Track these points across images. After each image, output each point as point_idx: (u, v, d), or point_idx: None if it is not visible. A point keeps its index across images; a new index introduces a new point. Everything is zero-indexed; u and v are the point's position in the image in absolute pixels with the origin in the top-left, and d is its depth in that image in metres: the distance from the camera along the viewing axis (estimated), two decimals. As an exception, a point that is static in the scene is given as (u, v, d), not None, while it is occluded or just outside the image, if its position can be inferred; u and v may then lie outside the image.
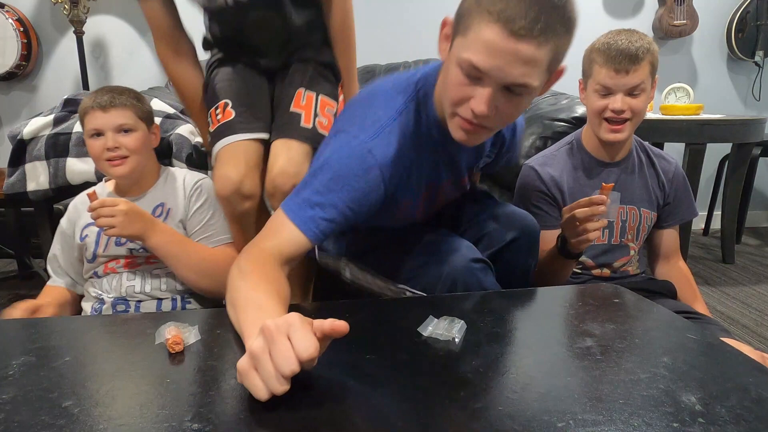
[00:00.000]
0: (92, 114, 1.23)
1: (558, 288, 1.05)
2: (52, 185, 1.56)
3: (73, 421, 0.58)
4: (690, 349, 0.74)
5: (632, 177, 1.36)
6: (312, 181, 0.91)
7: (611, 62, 1.20)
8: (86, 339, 0.83)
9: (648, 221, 1.37)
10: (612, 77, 1.21)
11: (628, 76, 1.20)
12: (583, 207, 1.08)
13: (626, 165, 1.36)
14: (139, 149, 1.26)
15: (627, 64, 1.19)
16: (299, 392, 0.63)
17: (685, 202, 1.40)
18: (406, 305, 0.95)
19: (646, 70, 1.20)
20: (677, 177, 1.39)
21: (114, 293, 1.26)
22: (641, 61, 1.19)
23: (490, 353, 0.73)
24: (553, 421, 0.56)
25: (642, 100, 1.23)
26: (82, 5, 2.40)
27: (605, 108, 1.23)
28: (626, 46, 1.18)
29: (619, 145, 1.32)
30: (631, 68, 1.19)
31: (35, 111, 2.51)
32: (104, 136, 1.23)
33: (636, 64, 1.19)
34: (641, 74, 1.20)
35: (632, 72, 1.19)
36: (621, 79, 1.20)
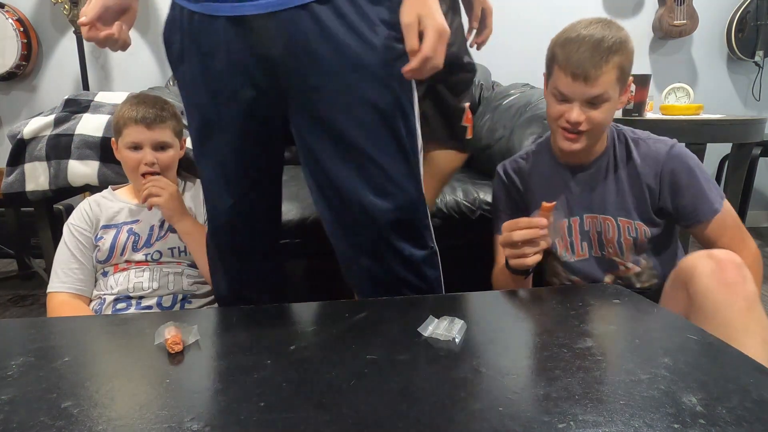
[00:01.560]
0: (135, 128, 1.26)
1: (558, 288, 1.05)
2: (52, 186, 1.56)
3: (73, 421, 0.57)
4: (691, 350, 0.73)
5: (603, 182, 1.17)
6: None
7: (570, 67, 1.03)
8: (86, 339, 0.83)
9: (631, 232, 1.16)
10: (569, 85, 1.05)
11: (587, 86, 1.03)
12: (522, 228, 1.00)
13: (596, 169, 1.17)
14: (172, 166, 1.34)
15: (587, 70, 1.02)
16: (299, 392, 0.63)
17: (697, 196, 1.13)
18: (406, 305, 0.95)
19: (611, 77, 1.03)
20: (672, 171, 1.13)
21: (120, 287, 1.26)
22: (604, 67, 1.02)
23: (490, 353, 0.73)
24: (553, 422, 0.56)
25: (604, 110, 1.06)
26: (83, 5, 2.40)
27: (561, 116, 1.09)
28: (588, 52, 1.02)
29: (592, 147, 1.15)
30: (592, 76, 1.02)
31: (35, 111, 2.51)
32: (142, 150, 1.27)
33: (598, 71, 1.02)
34: (604, 83, 1.03)
35: (593, 80, 1.02)
36: (579, 88, 1.04)
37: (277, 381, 0.66)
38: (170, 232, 1.32)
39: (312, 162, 0.97)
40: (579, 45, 1.03)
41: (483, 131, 2.05)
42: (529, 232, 1.00)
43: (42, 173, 1.56)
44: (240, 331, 0.86)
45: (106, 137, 1.51)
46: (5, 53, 2.51)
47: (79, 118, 1.58)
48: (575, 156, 1.16)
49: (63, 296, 1.27)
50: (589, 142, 1.12)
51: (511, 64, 2.69)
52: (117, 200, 1.35)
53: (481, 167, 2.00)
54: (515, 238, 1.01)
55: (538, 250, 1.02)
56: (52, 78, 2.70)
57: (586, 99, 1.05)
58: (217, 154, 1.01)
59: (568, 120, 1.07)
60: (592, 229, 1.19)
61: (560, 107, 1.09)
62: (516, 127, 1.79)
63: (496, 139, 1.89)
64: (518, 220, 1.03)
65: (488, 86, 2.33)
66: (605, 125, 1.11)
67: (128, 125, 1.27)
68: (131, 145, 1.28)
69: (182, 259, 1.32)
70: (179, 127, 1.36)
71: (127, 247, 1.28)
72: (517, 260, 1.04)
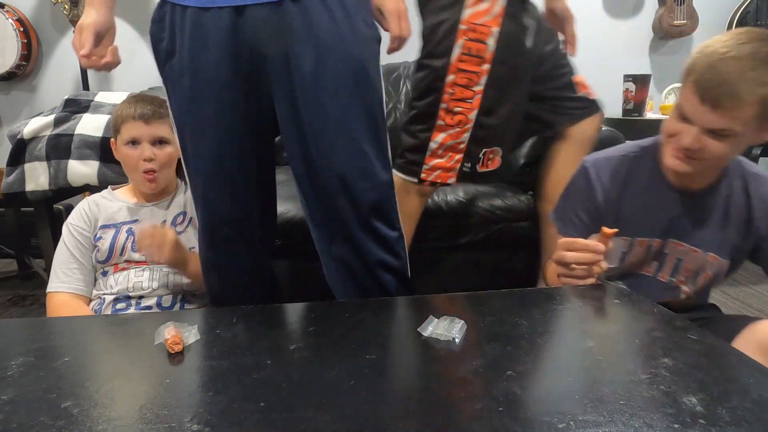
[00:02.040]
0: (132, 124, 1.27)
1: (558, 288, 1.05)
2: (52, 186, 1.56)
3: (73, 422, 0.57)
4: (691, 350, 0.73)
5: (707, 213, 1.05)
6: None
7: (700, 87, 0.88)
8: (86, 339, 0.83)
9: (714, 268, 1.07)
10: (694, 106, 0.90)
11: (714, 114, 0.88)
12: (578, 251, 0.95)
13: (707, 199, 1.05)
14: (170, 163, 1.33)
15: (716, 99, 0.87)
16: (299, 392, 0.63)
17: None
18: (406, 305, 0.95)
19: (747, 113, 0.86)
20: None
21: (119, 287, 1.26)
22: (739, 102, 0.86)
23: (490, 353, 0.73)
24: (553, 422, 0.56)
25: (728, 144, 0.90)
26: (82, 5, 2.39)
27: (675, 134, 0.96)
28: (729, 73, 0.86)
29: (706, 174, 1.02)
30: (721, 104, 0.87)
31: (35, 111, 2.51)
32: (140, 145, 1.27)
33: (730, 102, 0.86)
34: (735, 117, 0.87)
35: (721, 110, 0.87)
36: (704, 114, 0.89)
37: (277, 381, 0.66)
38: None
39: (298, 149, 1.01)
40: (720, 67, 0.87)
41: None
42: (584, 256, 0.95)
43: (42, 173, 1.56)
44: (240, 331, 0.86)
45: (106, 137, 1.51)
46: (5, 53, 2.51)
47: (79, 118, 1.58)
48: (683, 179, 1.04)
49: (62, 296, 1.27)
50: (698, 170, 0.99)
51: (511, 64, 2.68)
52: (116, 200, 1.35)
53: (481, 167, 2.00)
54: (567, 259, 0.96)
55: (590, 276, 0.96)
56: (52, 78, 2.70)
57: (710, 129, 0.91)
58: (209, 146, 1.03)
59: (682, 144, 0.94)
60: (672, 255, 1.10)
61: (678, 125, 0.95)
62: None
63: (496, 139, 1.89)
64: (575, 240, 0.96)
65: (488, 86, 2.32)
66: (725, 160, 0.98)
67: (126, 122, 1.28)
68: (129, 141, 1.28)
69: None
70: None
71: (127, 247, 1.28)
72: (567, 280, 1.00)
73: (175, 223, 1.33)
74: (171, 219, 1.33)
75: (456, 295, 0.99)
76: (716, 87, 0.87)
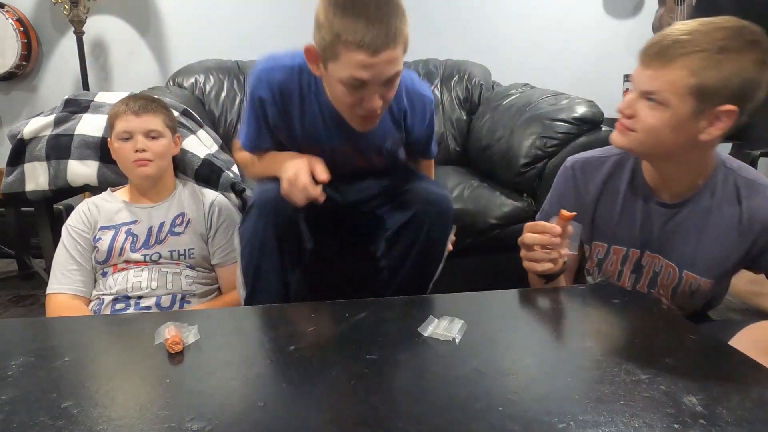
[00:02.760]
0: (124, 117, 1.29)
1: (558, 288, 1.05)
2: (51, 186, 1.56)
3: (73, 421, 0.57)
4: (691, 350, 0.73)
5: (684, 228, 1.00)
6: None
7: (643, 48, 0.90)
8: (86, 339, 0.83)
9: (692, 287, 1.02)
10: (637, 69, 0.91)
11: (646, 74, 0.88)
12: (536, 232, 0.96)
13: (688, 212, 0.99)
14: (164, 155, 1.34)
15: (649, 57, 0.88)
16: (299, 392, 0.63)
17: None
18: (406, 305, 0.95)
19: (676, 77, 0.85)
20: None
21: (119, 287, 1.26)
22: (670, 62, 0.85)
23: (490, 353, 0.73)
24: (553, 422, 0.56)
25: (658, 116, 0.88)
26: (82, 5, 2.39)
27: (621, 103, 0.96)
28: (668, 34, 0.86)
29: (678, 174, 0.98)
30: (652, 65, 0.87)
31: (35, 111, 2.50)
32: (133, 139, 1.28)
33: (660, 61, 0.86)
34: (663, 81, 0.86)
35: (651, 70, 0.87)
36: (641, 74, 0.90)
37: (277, 381, 0.66)
38: (170, 235, 1.32)
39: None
40: (665, 30, 0.89)
41: (483, 131, 2.05)
42: (541, 237, 0.95)
43: (42, 173, 1.56)
44: (240, 331, 0.86)
45: (106, 138, 1.51)
46: (5, 53, 2.51)
47: (79, 118, 1.57)
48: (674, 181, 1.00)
49: (62, 297, 1.27)
50: (636, 149, 0.95)
51: (511, 64, 2.68)
52: (116, 201, 1.36)
53: (481, 168, 2.00)
54: (527, 240, 0.97)
55: (551, 258, 0.96)
56: (52, 78, 2.70)
57: (642, 91, 0.90)
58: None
59: (619, 106, 0.94)
60: (649, 267, 1.06)
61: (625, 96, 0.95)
62: (516, 127, 1.79)
63: (496, 139, 1.89)
64: (536, 222, 0.98)
65: (488, 86, 2.32)
66: (662, 140, 0.90)
67: (119, 116, 1.29)
68: (123, 136, 1.29)
69: (181, 261, 1.32)
70: (171, 122, 1.37)
71: (125, 248, 1.28)
72: (527, 263, 1.00)
73: (174, 224, 1.33)
74: (170, 220, 1.33)
75: (456, 295, 0.99)
76: (652, 45, 0.88)
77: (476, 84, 2.31)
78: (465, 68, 2.38)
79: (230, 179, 1.54)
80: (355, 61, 0.93)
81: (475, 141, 2.13)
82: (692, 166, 0.97)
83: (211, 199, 1.40)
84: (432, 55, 2.50)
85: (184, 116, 1.63)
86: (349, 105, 1.02)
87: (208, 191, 1.44)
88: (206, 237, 1.37)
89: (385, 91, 1.00)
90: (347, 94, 0.99)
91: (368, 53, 0.92)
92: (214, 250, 1.36)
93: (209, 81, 2.22)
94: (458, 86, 2.32)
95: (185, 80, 2.20)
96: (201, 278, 1.34)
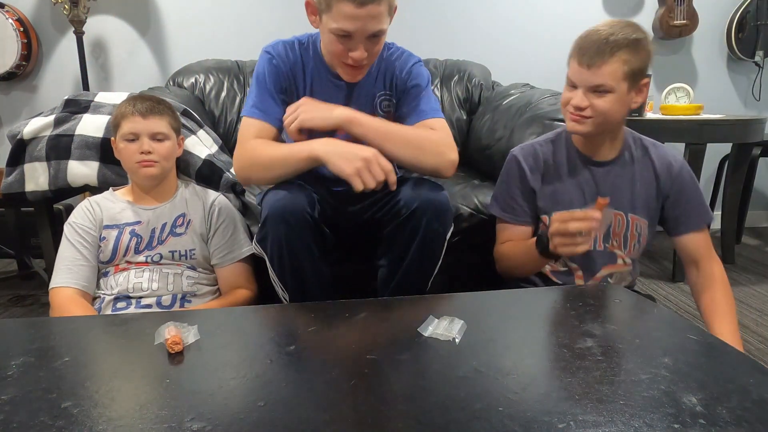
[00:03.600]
0: (131, 119, 1.29)
1: (558, 288, 1.05)
2: (51, 187, 1.55)
3: (73, 421, 0.58)
4: (691, 350, 0.73)
5: (620, 179, 1.24)
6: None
7: (578, 55, 1.10)
8: (86, 339, 0.83)
9: (638, 229, 1.24)
10: (575, 71, 1.11)
11: (590, 72, 1.08)
12: (577, 220, 1.05)
13: (614, 166, 1.24)
14: (169, 157, 1.34)
15: (590, 59, 1.08)
16: (299, 392, 0.63)
17: (695, 206, 1.25)
18: (406, 305, 0.95)
19: (614, 69, 1.07)
20: (682, 178, 1.24)
21: (120, 287, 1.26)
22: (608, 59, 1.07)
23: (490, 353, 0.73)
24: (553, 422, 0.56)
25: (609, 101, 1.10)
26: (82, 5, 2.39)
27: (568, 102, 1.15)
28: (597, 39, 1.08)
29: (603, 139, 1.21)
30: (594, 64, 1.07)
31: (35, 111, 2.50)
32: (139, 140, 1.29)
33: (601, 59, 1.07)
34: (607, 74, 1.08)
35: (595, 68, 1.08)
36: (583, 74, 1.09)
37: (277, 381, 0.66)
38: (171, 235, 1.32)
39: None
40: (591, 36, 1.10)
41: (483, 131, 2.05)
42: (586, 224, 1.04)
43: (42, 173, 1.56)
44: (240, 331, 0.86)
45: (107, 138, 1.51)
46: (5, 53, 2.51)
47: (79, 118, 1.57)
48: (600, 145, 1.23)
49: (67, 291, 1.25)
50: (593, 130, 1.16)
51: (511, 64, 2.68)
52: (118, 201, 1.35)
53: (481, 168, 2.00)
54: (572, 229, 1.05)
55: (588, 242, 1.07)
56: (52, 78, 2.70)
57: (590, 86, 1.10)
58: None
59: (574, 105, 1.13)
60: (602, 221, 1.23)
61: (568, 94, 1.15)
62: (516, 127, 1.79)
63: (496, 139, 1.89)
64: (573, 212, 1.08)
65: (488, 86, 2.33)
66: (611, 117, 1.13)
67: (125, 117, 1.29)
68: (128, 137, 1.29)
69: (182, 262, 1.32)
70: (176, 123, 1.37)
71: (130, 249, 1.29)
72: (568, 248, 1.07)
73: (175, 225, 1.33)
74: (172, 221, 1.34)
75: (456, 295, 0.99)
76: (588, 50, 1.09)
77: (476, 84, 2.31)
78: (465, 68, 2.38)
79: (231, 180, 1.54)
80: (343, 11, 1.07)
81: (475, 141, 2.13)
82: (615, 133, 1.22)
83: (212, 199, 1.41)
84: (432, 55, 2.51)
85: (185, 116, 1.63)
86: (337, 54, 1.15)
87: (209, 191, 1.44)
88: (206, 237, 1.37)
89: (370, 45, 1.13)
90: (336, 42, 1.12)
91: (355, 5, 1.05)
92: (213, 250, 1.36)
93: (209, 81, 2.22)
94: (458, 86, 2.32)
95: (185, 80, 2.20)
96: (202, 279, 1.35)
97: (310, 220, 1.13)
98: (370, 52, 1.14)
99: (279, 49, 1.25)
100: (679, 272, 2.37)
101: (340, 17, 1.07)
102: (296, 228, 1.12)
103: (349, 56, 1.13)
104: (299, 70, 1.26)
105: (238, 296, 1.35)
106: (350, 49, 1.12)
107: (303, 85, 1.26)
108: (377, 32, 1.11)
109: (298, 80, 1.26)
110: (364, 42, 1.11)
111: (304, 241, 1.14)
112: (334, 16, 1.08)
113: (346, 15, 1.06)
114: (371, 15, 1.07)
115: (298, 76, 1.26)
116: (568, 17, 2.86)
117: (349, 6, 1.05)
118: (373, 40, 1.12)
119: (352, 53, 1.12)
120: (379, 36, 1.13)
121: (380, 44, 1.17)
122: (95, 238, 1.30)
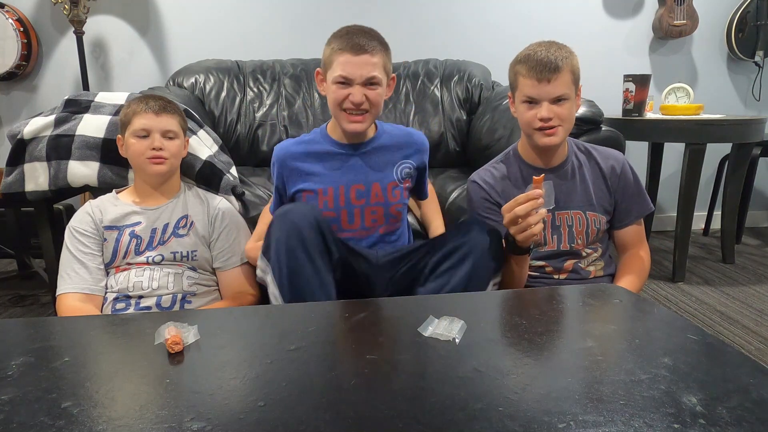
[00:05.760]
0: (144, 115, 1.30)
1: (558, 288, 1.05)
2: (51, 187, 1.55)
3: (73, 421, 0.58)
4: (691, 349, 0.73)
5: (572, 182, 1.35)
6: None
7: (533, 72, 1.22)
8: (86, 339, 0.83)
9: (597, 224, 1.35)
10: (535, 87, 1.23)
11: (550, 85, 1.22)
12: (521, 203, 1.11)
13: (563, 170, 1.35)
14: (178, 155, 1.36)
15: (548, 74, 1.21)
16: (299, 392, 0.63)
17: (637, 200, 1.37)
18: (406, 305, 0.95)
19: (567, 78, 1.23)
20: (624, 175, 1.36)
21: (120, 287, 1.26)
22: (561, 71, 1.22)
23: (490, 353, 0.73)
24: (553, 422, 0.56)
25: (567, 107, 1.25)
26: (82, 5, 2.39)
27: (534, 117, 1.25)
28: (545, 56, 1.21)
29: (554, 150, 1.33)
30: (552, 77, 1.21)
31: (35, 111, 2.50)
32: (150, 137, 1.29)
33: (556, 73, 1.21)
34: (563, 83, 1.22)
35: (554, 81, 1.22)
36: (544, 88, 1.23)
37: (277, 381, 0.66)
38: (174, 236, 1.32)
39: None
40: (537, 56, 1.23)
41: (483, 131, 2.05)
42: (529, 204, 1.10)
43: (42, 173, 1.56)
44: (240, 331, 0.86)
45: (107, 138, 1.51)
46: (5, 53, 2.51)
47: (79, 118, 1.57)
48: (550, 155, 1.34)
49: (71, 297, 1.26)
50: (563, 137, 1.29)
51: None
52: (120, 203, 1.36)
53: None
54: (519, 212, 1.11)
55: (540, 219, 1.12)
56: (52, 78, 2.70)
57: (552, 98, 1.23)
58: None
59: (541, 118, 1.24)
60: (563, 224, 1.35)
61: (532, 111, 1.26)
62: (516, 127, 1.79)
63: (496, 139, 1.89)
64: (516, 197, 1.13)
65: (488, 86, 2.32)
66: (571, 121, 1.28)
67: (137, 114, 1.30)
68: (140, 133, 1.29)
69: (184, 262, 1.32)
70: (184, 124, 1.39)
71: (131, 250, 1.29)
72: (524, 233, 1.13)
73: (177, 226, 1.33)
74: (174, 221, 1.34)
75: (456, 295, 0.99)
76: (544, 67, 1.21)
77: (476, 84, 2.31)
78: (465, 68, 2.38)
79: (231, 182, 1.54)
80: (341, 61, 1.22)
81: (475, 141, 2.13)
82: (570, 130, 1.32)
83: (216, 203, 1.41)
84: (432, 55, 2.51)
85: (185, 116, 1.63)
86: (339, 102, 1.25)
87: (213, 196, 1.45)
88: (209, 240, 1.37)
89: (368, 91, 1.24)
90: (338, 90, 1.24)
91: (351, 53, 1.21)
92: (216, 254, 1.37)
93: (209, 81, 2.22)
94: (458, 86, 2.32)
95: (185, 80, 2.20)
96: (202, 279, 1.35)
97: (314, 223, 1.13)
98: (368, 97, 1.24)
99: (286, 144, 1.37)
100: (679, 272, 2.37)
101: (339, 67, 1.22)
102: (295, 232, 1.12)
103: (348, 100, 1.24)
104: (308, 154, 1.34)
105: (242, 301, 1.35)
106: (350, 93, 1.24)
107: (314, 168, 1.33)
108: (372, 78, 1.23)
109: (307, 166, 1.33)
110: (362, 88, 1.23)
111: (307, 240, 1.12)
112: (335, 68, 1.23)
113: (344, 63, 1.22)
114: (366, 62, 1.22)
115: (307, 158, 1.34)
116: (568, 17, 2.86)
117: (347, 55, 1.22)
118: (369, 87, 1.24)
119: (352, 97, 1.23)
120: (375, 84, 1.24)
121: (377, 94, 1.26)
122: (96, 241, 1.30)
